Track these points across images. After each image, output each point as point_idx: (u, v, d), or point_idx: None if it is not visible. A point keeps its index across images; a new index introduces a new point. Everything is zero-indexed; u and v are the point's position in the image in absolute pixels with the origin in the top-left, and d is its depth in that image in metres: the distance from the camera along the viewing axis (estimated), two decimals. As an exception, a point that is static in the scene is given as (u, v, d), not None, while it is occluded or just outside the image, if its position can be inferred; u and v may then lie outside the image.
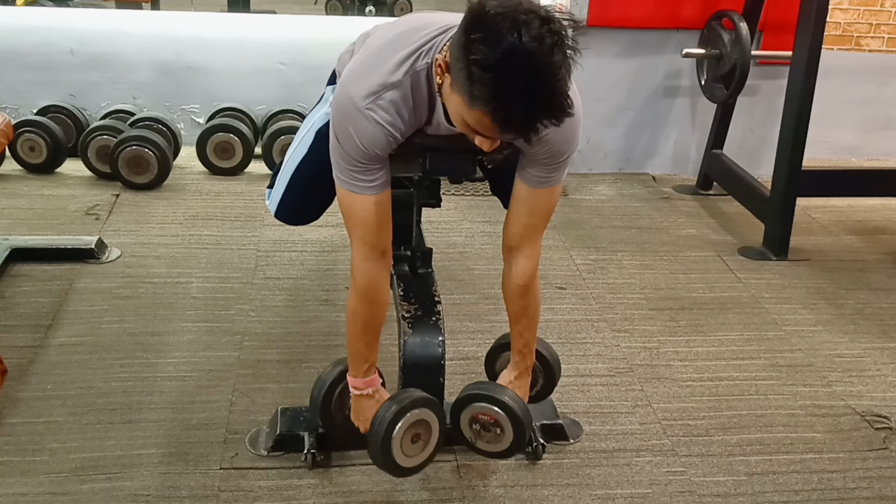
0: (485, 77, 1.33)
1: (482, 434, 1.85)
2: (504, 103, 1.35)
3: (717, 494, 1.94)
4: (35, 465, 1.89)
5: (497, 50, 1.31)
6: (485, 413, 1.83)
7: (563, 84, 1.35)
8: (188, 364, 2.30)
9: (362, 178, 1.62)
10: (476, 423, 1.85)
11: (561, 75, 1.34)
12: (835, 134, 4.26)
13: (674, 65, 3.78)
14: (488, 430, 1.84)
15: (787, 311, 2.79)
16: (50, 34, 3.73)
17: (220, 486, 1.87)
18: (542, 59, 1.32)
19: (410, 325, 1.96)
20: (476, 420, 1.84)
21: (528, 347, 1.90)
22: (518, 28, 1.31)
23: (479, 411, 1.83)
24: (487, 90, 1.34)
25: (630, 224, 3.44)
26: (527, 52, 1.31)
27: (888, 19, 4.31)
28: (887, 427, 2.21)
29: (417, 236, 2.13)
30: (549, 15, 1.34)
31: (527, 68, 1.32)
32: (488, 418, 1.83)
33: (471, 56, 1.34)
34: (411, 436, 1.78)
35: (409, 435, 1.78)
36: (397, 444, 1.76)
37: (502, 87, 1.34)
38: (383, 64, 1.56)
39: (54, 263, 2.77)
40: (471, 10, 1.36)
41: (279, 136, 3.59)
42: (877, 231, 3.53)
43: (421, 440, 1.80)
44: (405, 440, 1.77)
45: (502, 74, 1.33)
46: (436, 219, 3.23)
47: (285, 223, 2.15)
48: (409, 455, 1.80)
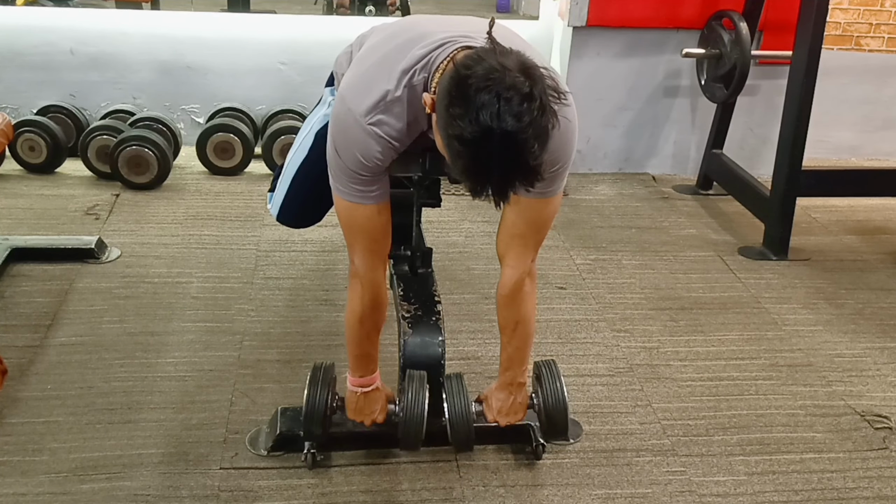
0: (461, 151, 1.35)
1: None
2: (478, 177, 1.37)
3: (717, 494, 1.94)
4: (35, 465, 1.89)
5: (474, 128, 1.32)
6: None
7: (539, 156, 1.36)
8: (188, 364, 2.30)
9: (364, 188, 1.63)
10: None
11: (537, 149, 1.35)
12: (835, 134, 4.26)
13: (674, 65, 3.78)
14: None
15: (787, 311, 2.79)
16: (50, 34, 3.73)
17: (220, 486, 1.87)
18: (520, 137, 1.33)
19: (410, 325, 1.96)
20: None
21: (511, 362, 1.87)
22: (497, 106, 1.31)
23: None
24: (462, 163, 1.36)
25: (630, 224, 3.44)
26: (503, 133, 1.32)
27: (888, 19, 4.31)
28: (887, 427, 2.21)
29: (417, 236, 2.13)
30: (531, 91, 1.33)
31: (502, 148, 1.33)
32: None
33: (449, 129, 1.36)
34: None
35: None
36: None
37: (477, 164, 1.36)
38: (382, 78, 1.56)
39: (54, 263, 2.77)
40: (455, 80, 1.36)
41: (279, 136, 3.59)
42: (877, 231, 3.52)
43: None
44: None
45: (477, 152, 1.35)
46: (436, 219, 3.23)
47: (287, 226, 2.15)
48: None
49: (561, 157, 1.61)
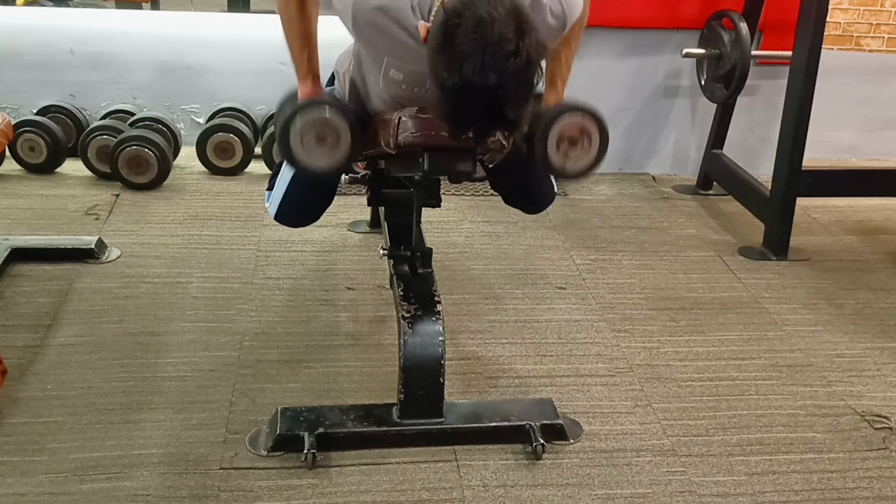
0: (444, 97, 1.36)
1: (570, 153, 1.85)
2: (457, 122, 1.38)
3: (717, 494, 1.94)
4: (35, 465, 1.89)
5: (457, 79, 1.33)
6: (571, 126, 1.83)
7: (517, 110, 1.37)
8: (188, 364, 2.30)
9: None
10: (563, 143, 1.84)
11: (517, 102, 1.36)
12: (835, 134, 4.26)
13: (674, 65, 3.78)
14: (576, 144, 1.84)
15: (787, 311, 2.79)
16: (50, 34, 3.73)
17: (220, 486, 1.87)
18: (500, 92, 1.34)
19: (410, 325, 1.96)
20: (563, 139, 1.83)
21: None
22: (481, 60, 1.32)
23: (562, 129, 1.82)
24: (444, 107, 1.38)
25: (630, 224, 3.44)
26: (483, 87, 1.33)
27: (888, 19, 4.31)
28: (887, 427, 2.21)
29: (417, 236, 2.13)
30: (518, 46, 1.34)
31: (483, 100, 1.34)
32: (574, 131, 1.83)
33: (435, 74, 1.37)
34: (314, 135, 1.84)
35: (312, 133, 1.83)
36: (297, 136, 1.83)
37: (457, 111, 1.37)
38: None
39: (54, 263, 2.77)
40: (443, 27, 1.36)
41: (279, 136, 3.58)
42: (877, 231, 3.52)
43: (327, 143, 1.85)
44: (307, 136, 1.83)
45: (458, 101, 1.36)
46: (436, 219, 3.22)
47: (285, 226, 2.16)
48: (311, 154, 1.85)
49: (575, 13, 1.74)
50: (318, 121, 1.84)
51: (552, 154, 1.84)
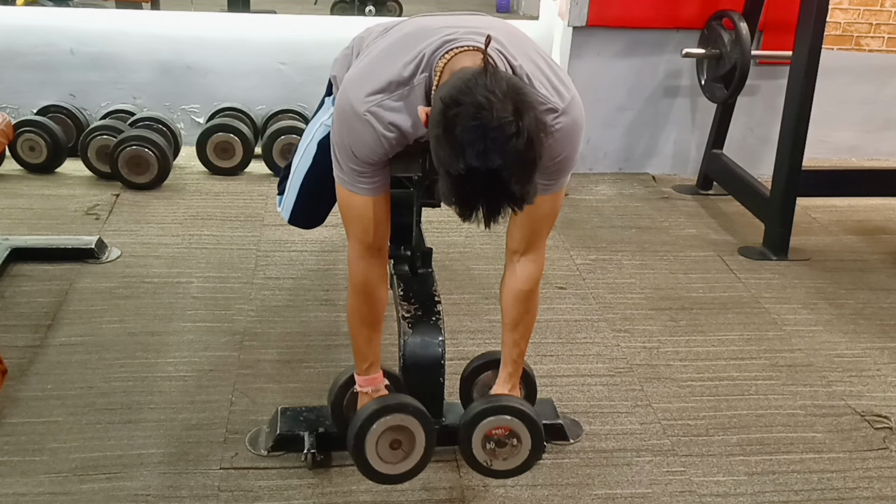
0: (449, 183, 1.36)
1: (497, 452, 1.77)
2: (465, 207, 1.39)
3: (717, 494, 1.94)
4: (35, 465, 1.89)
5: (460, 166, 1.34)
6: (498, 427, 1.75)
7: (525, 185, 1.37)
8: (188, 364, 2.30)
9: (362, 179, 1.63)
10: (490, 442, 1.76)
11: (524, 179, 1.36)
12: (835, 134, 4.26)
13: (674, 65, 3.78)
14: (503, 444, 1.76)
15: (787, 311, 2.79)
16: (50, 34, 3.73)
17: (220, 486, 1.87)
18: (504, 174, 1.34)
19: (410, 325, 1.96)
20: (489, 438, 1.76)
21: (521, 357, 1.86)
22: (483, 146, 1.32)
23: (491, 427, 1.75)
24: (451, 193, 1.38)
25: (630, 224, 3.44)
26: (487, 171, 1.33)
27: (888, 19, 4.31)
28: (887, 427, 2.21)
29: (417, 236, 2.13)
30: (518, 127, 1.33)
31: (488, 183, 1.34)
32: (502, 431, 1.75)
33: (437, 160, 1.38)
34: (389, 441, 1.74)
35: (387, 439, 1.73)
36: (371, 444, 1.72)
37: (463, 196, 1.38)
38: (385, 68, 1.56)
39: (54, 263, 2.77)
40: (443, 115, 1.36)
41: (279, 136, 3.59)
42: (877, 231, 3.52)
43: (402, 449, 1.75)
44: (381, 443, 1.73)
45: (464, 187, 1.36)
46: (436, 219, 3.22)
47: (299, 228, 2.17)
48: (387, 461, 1.75)
49: (569, 154, 1.63)
50: (397, 426, 1.73)
51: (476, 451, 1.77)
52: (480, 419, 1.76)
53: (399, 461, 1.77)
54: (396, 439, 1.75)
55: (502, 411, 1.76)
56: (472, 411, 1.78)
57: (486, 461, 1.78)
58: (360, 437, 1.72)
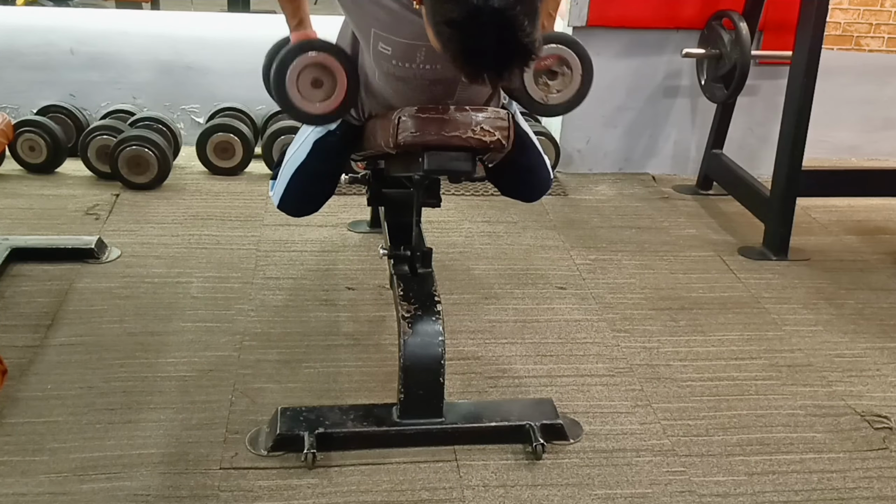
0: (452, 35, 1.34)
1: (551, 86, 1.76)
2: (472, 60, 1.36)
3: (717, 494, 1.94)
4: (35, 465, 1.89)
5: (463, 10, 1.31)
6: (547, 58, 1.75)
7: (529, 34, 1.34)
8: (188, 364, 2.30)
9: None
10: (542, 77, 1.76)
11: (528, 25, 1.33)
12: (835, 134, 4.26)
13: (674, 65, 3.78)
14: (555, 76, 1.76)
15: (787, 311, 2.79)
16: (50, 34, 3.73)
17: (220, 486, 1.87)
18: (508, 13, 1.31)
19: (410, 325, 1.96)
20: (541, 73, 1.75)
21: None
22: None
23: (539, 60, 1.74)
24: (454, 47, 1.35)
25: (630, 224, 3.44)
26: (492, 11, 1.30)
27: (888, 19, 4.31)
28: (887, 427, 2.21)
29: (417, 236, 2.13)
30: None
31: (493, 26, 1.31)
32: (552, 60, 1.75)
33: (438, 15, 1.34)
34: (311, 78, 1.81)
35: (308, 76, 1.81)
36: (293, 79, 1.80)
37: (469, 45, 1.34)
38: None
39: (54, 263, 2.77)
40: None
41: (279, 136, 3.59)
42: (877, 231, 3.53)
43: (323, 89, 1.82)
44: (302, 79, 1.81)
45: (468, 33, 1.33)
46: (436, 219, 3.23)
47: (287, 214, 2.18)
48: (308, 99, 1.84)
49: None
50: (314, 61, 1.82)
51: (532, 89, 1.78)
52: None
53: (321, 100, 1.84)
54: (318, 78, 1.81)
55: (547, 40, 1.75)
56: None
57: (542, 98, 1.79)
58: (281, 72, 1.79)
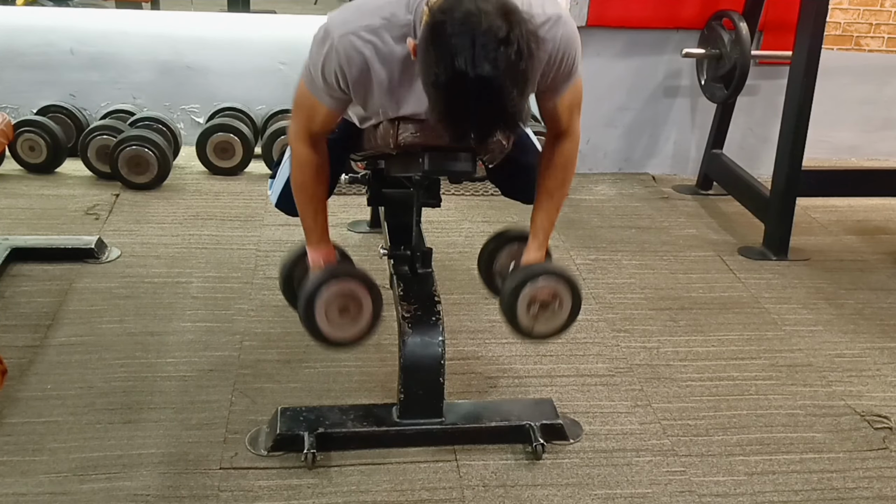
0: (438, 97, 1.35)
1: (540, 316, 1.83)
2: (455, 122, 1.38)
3: (717, 494, 1.94)
4: (35, 465, 1.89)
5: (449, 74, 1.32)
6: (543, 290, 1.81)
7: (516, 103, 1.36)
8: (188, 364, 2.30)
9: (327, 95, 1.67)
10: (533, 306, 1.82)
11: (515, 95, 1.35)
12: (835, 134, 4.26)
13: (674, 65, 3.78)
14: (547, 307, 1.83)
15: (787, 311, 2.79)
16: (50, 34, 3.73)
17: (220, 486, 1.87)
18: (495, 83, 1.33)
19: (410, 325, 1.96)
20: (533, 302, 1.82)
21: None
22: (472, 51, 1.31)
23: (535, 291, 1.81)
24: (440, 108, 1.36)
25: (630, 224, 3.44)
26: (477, 78, 1.32)
27: (888, 19, 4.31)
28: (887, 427, 2.21)
29: (417, 236, 2.13)
30: (508, 35, 1.32)
31: (478, 94, 1.33)
32: (547, 295, 1.82)
33: (426, 75, 1.36)
34: (338, 305, 1.82)
35: (336, 305, 1.82)
36: (321, 308, 1.80)
37: (453, 109, 1.36)
38: (372, 8, 1.58)
39: (54, 263, 2.77)
40: (431, 25, 1.35)
41: (279, 136, 3.59)
42: (877, 231, 3.53)
43: (349, 315, 1.84)
44: (331, 307, 1.82)
45: (453, 98, 1.35)
46: (436, 219, 3.22)
47: (285, 214, 2.19)
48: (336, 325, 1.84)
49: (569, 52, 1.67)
50: (342, 293, 1.83)
51: (521, 315, 1.85)
52: (524, 285, 1.82)
53: (348, 325, 1.85)
54: (345, 305, 1.82)
55: (547, 274, 1.83)
56: (516, 278, 1.84)
57: (528, 328, 1.86)
58: (310, 304, 1.80)
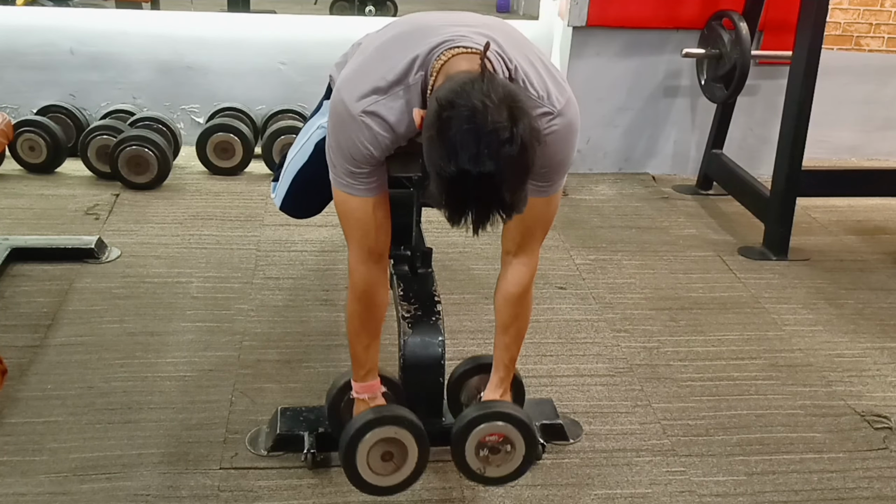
0: (440, 184, 1.36)
1: (490, 459, 1.75)
2: (455, 212, 1.39)
3: (717, 494, 1.94)
4: (35, 465, 1.89)
5: (452, 169, 1.33)
6: (491, 433, 1.73)
7: (517, 192, 1.37)
8: (188, 364, 2.30)
9: (358, 181, 1.62)
10: (483, 449, 1.74)
11: (515, 186, 1.36)
12: (835, 134, 4.26)
13: (674, 65, 3.78)
14: (497, 451, 1.75)
15: (787, 311, 2.79)
16: (50, 34, 3.73)
17: (220, 486, 1.87)
18: (496, 179, 1.34)
19: (410, 325, 1.96)
20: (482, 446, 1.74)
21: (513, 363, 1.86)
22: (476, 150, 1.32)
23: (483, 434, 1.73)
24: (441, 196, 1.37)
25: (630, 224, 3.44)
26: (480, 175, 1.33)
27: (888, 19, 4.31)
28: (887, 427, 2.21)
29: (417, 236, 2.13)
30: (512, 133, 1.32)
31: (479, 188, 1.34)
32: (496, 438, 1.74)
33: (430, 162, 1.37)
34: (381, 452, 1.71)
35: (380, 450, 1.71)
36: (363, 455, 1.69)
37: (454, 198, 1.37)
38: (379, 67, 1.55)
39: (54, 263, 2.77)
40: (437, 117, 1.36)
41: (279, 136, 3.59)
42: (877, 231, 3.53)
43: (393, 462, 1.73)
44: (373, 454, 1.70)
45: (455, 190, 1.35)
46: (436, 219, 3.20)
47: (289, 216, 2.19)
48: (377, 472, 1.73)
49: (564, 159, 1.63)
50: (389, 438, 1.71)
51: (469, 458, 1.76)
52: (474, 426, 1.73)
53: (389, 473, 1.73)
54: (388, 451, 1.72)
55: (496, 417, 1.74)
56: (465, 418, 1.76)
57: (479, 468, 1.76)
58: (352, 447, 1.69)
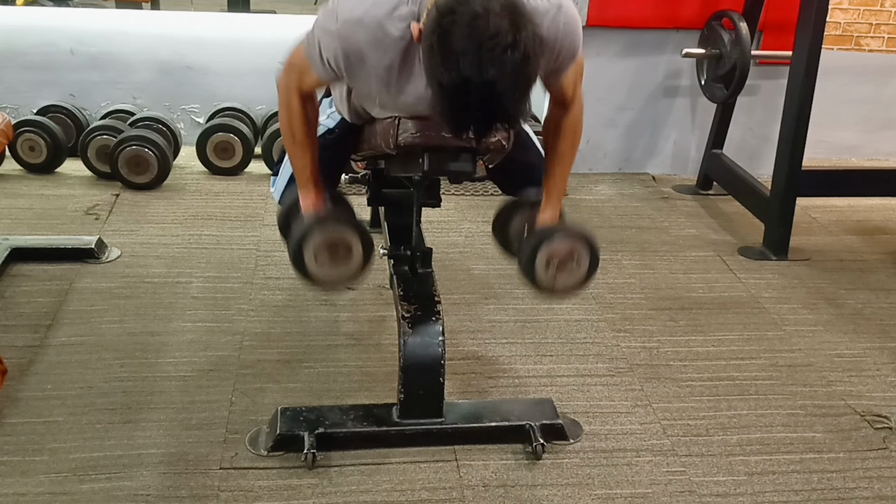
0: (441, 94, 1.36)
1: (559, 274, 1.90)
2: (456, 119, 1.38)
3: (717, 494, 1.94)
4: (35, 465, 1.89)
5: (454, 76, 1.33)
6: (560, 248, 1.87)
7: (517, 103, 1.37)
8: (188, 364, 2.30)
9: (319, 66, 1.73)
10: (552, 265, 1.88)
11: (518, 97, 1.36)
12: (835, 134, 4.26)
13: (674, 65, 3.78)
14: (565, 265, 1.89)
15: (787, 311, 2.79)
16: (50, 34, 3.73)
17: (220, 486, 1.87)
18: (498, 87, 1.34)
19: (410, 325, 1.96)
20: (551, 261, 1.88)
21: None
22: (478, 55, 1.31)
23: (553, 250, 1.87)
24: (444, 105, 1.37)
25: (630, 224, 3.44)
26: (483, 82, 1.32)
27: (888, 19, 4.31)
28: (887, 427, 2.21)
29: (417, 236, 2.13)
30: (515, 39, 1.33)
31: (482, 96, 1.33)
32: (564, 253, 1.88)
33: (431, 73, 1.36)
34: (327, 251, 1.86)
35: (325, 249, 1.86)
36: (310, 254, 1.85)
37: (456, 107, 1.36)
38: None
39: (54, 263, 2.77)
40: (437, 24, 1.35)
41: (279, 136, 3.58)
42: (877, 231, 3.53)
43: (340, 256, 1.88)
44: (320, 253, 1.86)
45: (457, 99, 1.36)
46: (436, 219, 3.23)
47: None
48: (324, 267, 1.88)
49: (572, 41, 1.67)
50: (331, 239, 1.87)
51: (540, 273, 1.89)
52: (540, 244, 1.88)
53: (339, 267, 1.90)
54: (334, 250, 1.87)
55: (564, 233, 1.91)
56: (533, 239, 1.90)
57: (549, 284, 1.92)
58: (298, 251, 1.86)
